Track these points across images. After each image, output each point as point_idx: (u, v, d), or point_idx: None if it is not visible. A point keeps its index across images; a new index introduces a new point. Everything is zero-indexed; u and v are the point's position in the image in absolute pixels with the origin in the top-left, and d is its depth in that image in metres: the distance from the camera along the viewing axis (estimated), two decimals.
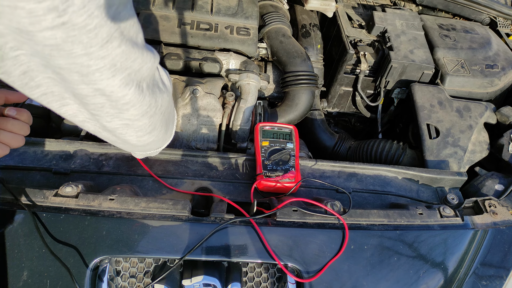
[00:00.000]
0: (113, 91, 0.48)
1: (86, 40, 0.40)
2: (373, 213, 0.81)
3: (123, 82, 0.48)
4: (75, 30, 0.39)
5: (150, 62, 0.51)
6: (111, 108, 0.51)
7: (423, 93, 1.22)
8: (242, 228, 0.74)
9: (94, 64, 0.43)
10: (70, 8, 0.37)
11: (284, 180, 0.87)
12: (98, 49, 0.42)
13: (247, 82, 1.14)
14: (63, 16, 0.37)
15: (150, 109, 0.56)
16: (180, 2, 1.24)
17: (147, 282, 0.73)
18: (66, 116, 0.54)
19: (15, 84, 0.46)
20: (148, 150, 0.73)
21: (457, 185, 0.99)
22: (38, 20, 0.36)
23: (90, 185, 0.81)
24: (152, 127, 0.60)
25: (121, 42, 0.44)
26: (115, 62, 0.45)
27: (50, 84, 0.47)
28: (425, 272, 0.77)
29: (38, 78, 0.46)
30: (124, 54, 0.46)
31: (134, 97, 0.51)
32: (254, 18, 1.27)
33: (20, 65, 0.44)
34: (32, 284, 0.66)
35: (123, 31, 0.44)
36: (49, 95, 0.49)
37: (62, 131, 1.08)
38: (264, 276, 0.76)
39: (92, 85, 0.46)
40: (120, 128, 0.56)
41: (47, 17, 0.36)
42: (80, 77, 0.45)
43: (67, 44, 0.40)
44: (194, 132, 1.07)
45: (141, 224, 0.72)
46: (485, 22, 1.63)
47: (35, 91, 0.47)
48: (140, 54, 0.49)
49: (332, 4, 1.45)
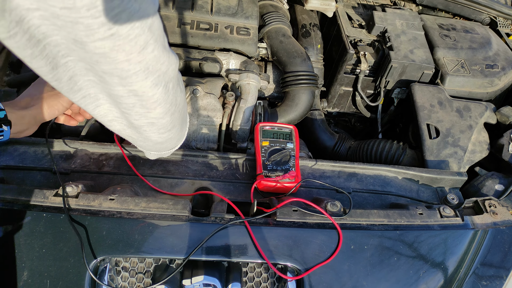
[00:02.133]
0: (145, 92, 0.54)
1: (128, 48, 0.46)
2: (373, 213, 0.81)
3: (154, 83, 0.54)
4: (120, 40, 0.45)
5: (175, 64, 0.57)
6: (141, 107, 0.56)
7: (423, 93, 1.22)
8: (242, 228, 0.74)
9: (133, 69, 0.49)
10: (118, 22, 0.43)
11: (284, 180, 0.87)
12: (136, 55, 0.48)
13: (247, 82, 1.14)
14: (112, 28, 0.43)
15: (172, 107, 0.61)
16: (180, 2, 1.24)
17: (147, 282, 0.73)
18: (97, 116, 0.59)
19: (63, 89, 0.52)
20: (165, 149, 0.75)
21: (457, 185, 0.99)
22: (92, 33, 0.42)
23: (91, 185, 0.81)
24: (172, 124, 0.65)
25: (154, 47, 0.50)
26: (148, 66, 0.51)
27: (88, 86, 0.52)
28: (425, 272, 0.77)
29: (80, 81, 0.51)
30: (155, 58, 0.51)
31: (161, 96, 0.57)
32: (254, 18, 1.27)
33: (68, 71, 0.49)
34: (32, 284, 0.66)
35: (156, 37, 0.50)
36: (87, 97, 0.54)
37: (62, 131, 1.08)
38: (264, 276, 0.76)
39: (128, 87, 0.52)
40: (145, 126, 0.61)
41: (100, 30, 0.42)
42: (119, 80, 0.50)
43: (112, 52, 0.46)
44: (194, 132, 1.07)
45: (142, 224, 0.72)
46: (485, 22, 1.63)
47: (77, 94, 0.53)
48: (167, 58, 0.54)
49: (332, 4, 1.45)
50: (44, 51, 0.45)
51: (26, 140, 0.89)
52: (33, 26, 0.41)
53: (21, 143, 0.89)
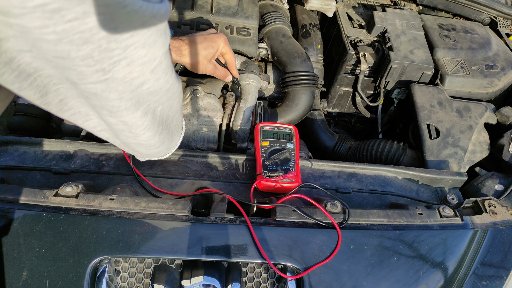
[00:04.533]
0: (134, 122, 0.53)
1: (122, 89, 0.45)
2: (373, 213, 0.81)
3: (143, 112, 0.53)
4: (114, 83, 0.44)
5: (171, 93, 0.56)
6: (130, 132, 0.56)
7: (423, 94, 1.22)
8: (242, 228, 0.74)
9: (124, 105, 0.48)
10: (115, 68, 0.41)
11: (284, 181, 0.87)
12: (129, 94, 0.47)
13: (247, 83, 1.14)
14: (107, 74, 0.42)
15: (160, 127, 0.61)
16: (180, 2, 1.24)
17: (147, 283, 0.73)
18: (87, 128, 0.58)
19: (52, 110, 0.51)
20: (153, 157, 0.77)
21: (457, 185, 0.99)
22: (85, 78, 0.41)
23: (90, 185, 0.81)
24: (160, 142, 0.65)
25: (151, 85, 0.49)
26: (139, 99, 0.50)
27: (79, 105, 0.51)
28: (425, 272, 0.77)
29: (71, 103, 0.50)
30: (150, 93, 0.51)
31: (150, 122, 0.56)
32: (254, 18, 1.27)
33: (58, 96, 0.48)
34: (31, 284, 0.66)
35: (158, 76, 0.49)
36: (77, 115, 0.53)
37: (62, 131, 1.08)
38: (264, 276, 0.76)
39: (118, 119, 0.51)
40: (133, 144, 0.62)
41: (94, 76, 0.41)
42: (109, 113, 0.50)
43: (105, 92, 0.44)
44: (194, 132, 1.07)
45: (142, 224, 0.72)
46: (485, 22, 1.63)
47: (67, 113, 0.52)
48: (165, 93, 0.54)
49: (332, 4, 1.45)
50: (34, 82, 0.43)
51: (26, 140, 0.89)
52: (24, 64, 0.40)
53: (21, 143, 0.89)
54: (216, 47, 0.95)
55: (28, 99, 0.46)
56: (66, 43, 0.36)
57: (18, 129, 1.14)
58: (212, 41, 0.94)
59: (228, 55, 1.00)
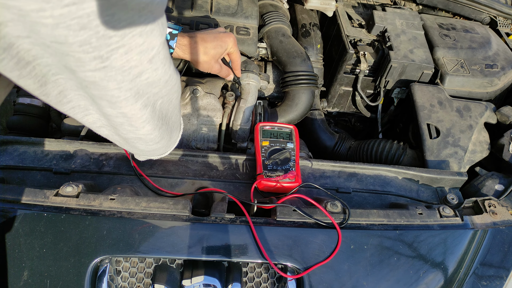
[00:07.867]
0: (134, 114, 0.53)
1: (120, 78, 0.45)
2: (373, 213, 0.81)
3: (143, 104, 0.53)
4: (113, 71, 0.43)
5: (171, 81, 0.56)
6: (129, 126, 0.56)
7: (423, 93, 1.22)
8: (242, 228, 0.74)
9: (123, 95, 0.48)
10: (113, 56, 0.41)
11: (285, 180, 0.87)
12: (128, 83, 0.47)
13: (247, 82, 1.14)
14: (105, 61, 0.41)
15: (159, 121, 0.61)
16: (180, 1, 1.24)
17: (147, 282, 0.73)
18: (86, 124, 0.58)
19: (51, 102, 0.51)
20: (153, 155, 0.77)
21: (457, 185, 0.99)
22: (83, 65, 0.41)
23: (91, 185, 0.81)
24: (160, 137, 0.65)
25: (150, 75, 0.49)
26: (139, 90, 0.50)
27: (79, 99, 0.51)
28: (425, 272, 0.77)
29: (70, 95, 0.50)
30: (148, 84, 0.50)
31: (149, 115, 0.56)
32: (254, 18, 1.27)
33: (57, 87, 0.48)
34: (32, 284, 0.66)
35: (157, 66, 0.49)
36: (76, 108, 0.53)
37: (62, 131, 1.08)
38: (264, 276, 0.76)
39: (117, 110, 0.51)
40: (133, 139, 0.61)
41: (92, 63, 0.41)
42: (108, 103, 0.49)
43: (103, 81, 0.44)
44: (194, 132, 1.07)
45: (145, 225, 0.72)
46: (485, 22, 1.63)
47: (66, 106, 0.52)
48: (164, 85, 0.53)
49: (332, 3, 1.45)
50: (33, 71, 0.43)
51: (26, 140, 0.89)
52: (23, 51, 0.40)
53: (21, 142, 0.89)
54: (225, 47, 0.95)
55: (27, 89, 0.46)
56: (63, 28, 0.36)
57: (17, 128, 1.14)
58: (222, 40, 0.94)
59: (235, 55, 1.00)
